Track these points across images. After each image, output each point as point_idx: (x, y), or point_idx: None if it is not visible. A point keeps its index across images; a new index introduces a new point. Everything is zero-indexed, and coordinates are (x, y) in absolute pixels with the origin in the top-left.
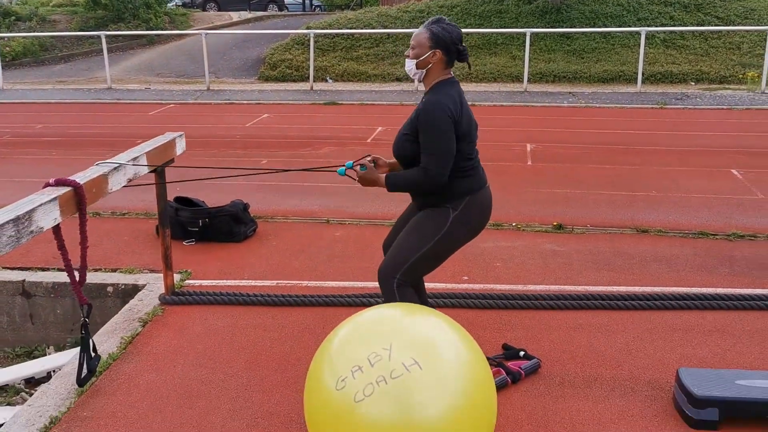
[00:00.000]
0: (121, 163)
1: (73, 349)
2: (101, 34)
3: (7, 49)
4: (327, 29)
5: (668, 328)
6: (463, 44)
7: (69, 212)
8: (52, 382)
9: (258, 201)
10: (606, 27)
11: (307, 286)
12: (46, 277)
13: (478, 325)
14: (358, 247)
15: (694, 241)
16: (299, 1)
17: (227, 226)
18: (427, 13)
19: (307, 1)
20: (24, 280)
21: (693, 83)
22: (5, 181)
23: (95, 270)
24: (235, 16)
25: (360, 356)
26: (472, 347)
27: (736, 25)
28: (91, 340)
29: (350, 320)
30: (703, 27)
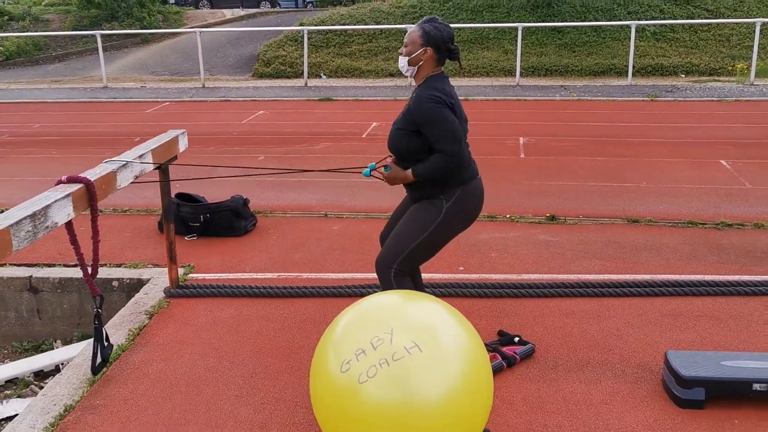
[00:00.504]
0: (129, 161)
1: (81, 342)
2: (96, 34)
3: (1, 48)
4: (320, 25)
5: (658, 314)
6: (454, 44)
7: (81, 208)
8: (64, 373)
9: (257, 196)
10: (597, 21)
11: (308, 278)
12: (53, 272)
13: (475, 313)
14: (356, 240)
15: (683, 230)
16: None
17: (228, 221)
18: (420, 9)
19: None
20: (31, 276)
21: (683, 75)
22: (6, 180)
23: (101, 265)
24: (228, 13)
25: (363, 340)
26: (470, 332)
27: (725, 18)
28: (103, 330)
29: (352, 307)
30: (693, 20)
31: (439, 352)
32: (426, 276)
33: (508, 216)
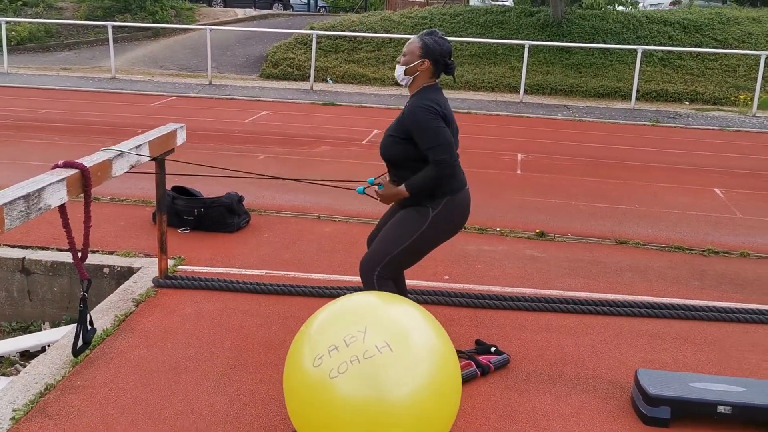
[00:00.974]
0: (125, 151)
1: (68, 325)
2: (108, 25)
3: (13, 33)
4: (330, 30)
5: (635, 333)
6: (451, 59)
7: (75, 193)
8: (48, 353)
9: (253, 194)
10: (605, 43)
11: (294, 276)
12: (46, 255)
13: (455, 321)
14: (346, 244)
15: (670, 254)
16: (304, 1)
17: (221, 216)
18: (430, 20)
19: (312, 2)
20: (24, 258)
21: (687, 103)
22: (8, 163)
23: (93, 252)
24: (240, 12)
25: (337, 337)
26: (442, 336)
27: (733, 48)
28: (88, 314)
29: (331, 304)
30: (700, 48)
31: (410, 353)
32: (411, 282)
33: (498, 229)
